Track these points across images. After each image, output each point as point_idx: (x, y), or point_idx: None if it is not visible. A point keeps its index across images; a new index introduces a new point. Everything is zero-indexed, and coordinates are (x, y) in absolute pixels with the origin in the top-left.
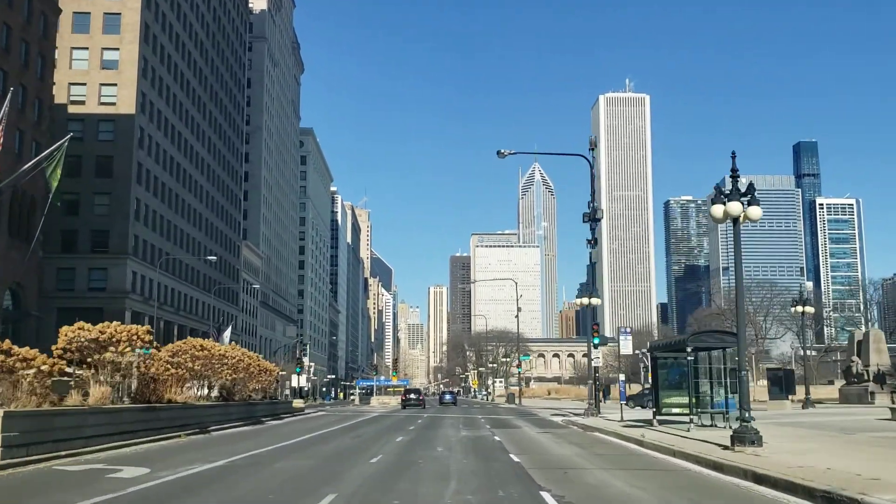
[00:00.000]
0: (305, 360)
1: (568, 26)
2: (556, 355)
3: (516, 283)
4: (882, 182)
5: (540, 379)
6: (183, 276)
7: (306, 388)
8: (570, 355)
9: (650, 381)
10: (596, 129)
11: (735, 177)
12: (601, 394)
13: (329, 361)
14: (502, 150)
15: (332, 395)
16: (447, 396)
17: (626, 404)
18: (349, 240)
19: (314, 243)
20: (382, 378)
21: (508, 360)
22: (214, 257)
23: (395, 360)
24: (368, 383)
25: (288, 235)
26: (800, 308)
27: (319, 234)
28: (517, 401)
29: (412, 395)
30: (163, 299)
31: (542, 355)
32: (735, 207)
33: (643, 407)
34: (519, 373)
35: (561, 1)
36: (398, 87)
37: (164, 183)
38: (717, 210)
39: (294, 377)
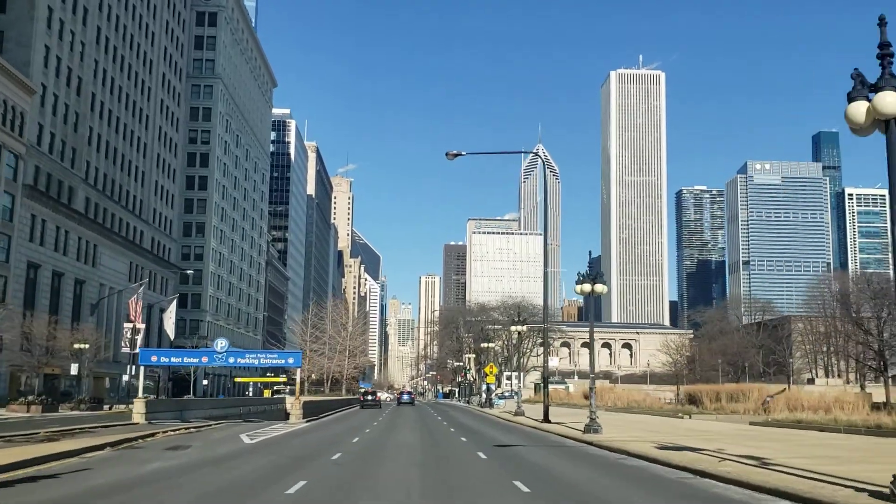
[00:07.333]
0: (169, 319)
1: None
2: (584, 344)
3: None
4: None
5: (582, 374)
6: None
7: (146, 383)
8: (606, 345)
9: None
10: (606, 107)
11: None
12: None
13: (267, 345)
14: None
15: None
16: (405, 396)
17: None
18: (312, 191)
19: (231, 157)
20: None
21: (524, 344)
22: None
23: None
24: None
25: (150, 104)
26: None
27: (247, 152)
28: None
29: (369, 398)
30: None
31: (566, 344)
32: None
33: None
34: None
35: None
36: (387, 80)
37: None
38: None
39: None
